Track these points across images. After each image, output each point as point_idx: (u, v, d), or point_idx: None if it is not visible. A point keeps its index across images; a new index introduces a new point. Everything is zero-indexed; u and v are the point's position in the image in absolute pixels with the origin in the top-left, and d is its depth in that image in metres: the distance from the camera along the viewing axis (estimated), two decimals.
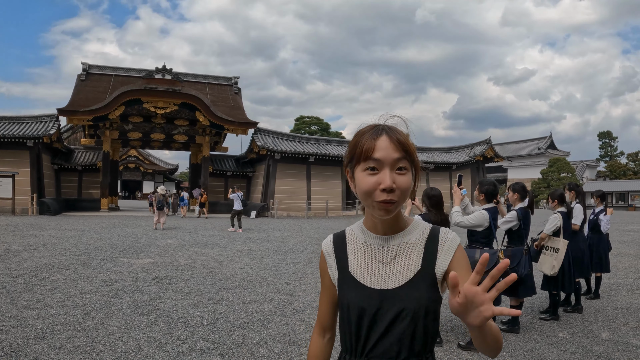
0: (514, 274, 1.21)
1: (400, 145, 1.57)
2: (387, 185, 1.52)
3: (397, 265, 1.66)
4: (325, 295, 1.86)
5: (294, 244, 17.20)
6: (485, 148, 48.22)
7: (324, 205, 38.60)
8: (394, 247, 1.69)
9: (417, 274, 1.64)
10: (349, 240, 1.79)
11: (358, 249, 1.75)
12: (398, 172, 1.56)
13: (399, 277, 1.65)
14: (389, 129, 1.62)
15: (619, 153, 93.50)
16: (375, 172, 1.55)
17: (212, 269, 11.40)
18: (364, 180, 1.57)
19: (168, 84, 34.27)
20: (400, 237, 1.70)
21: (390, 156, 1.55)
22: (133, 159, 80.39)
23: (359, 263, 1.72)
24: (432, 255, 1.66)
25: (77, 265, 11.31)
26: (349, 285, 1.71)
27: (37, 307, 7.47)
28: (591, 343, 6.18)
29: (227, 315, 7.25)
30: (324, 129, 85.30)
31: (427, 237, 1.70)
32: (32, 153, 33.28)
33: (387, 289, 1.64)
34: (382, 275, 1.67)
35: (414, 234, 1.71)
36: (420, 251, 1.68)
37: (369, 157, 1.56)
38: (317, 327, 1.91)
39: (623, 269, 12.51)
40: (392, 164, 1.55)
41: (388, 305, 1.62)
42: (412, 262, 1.66)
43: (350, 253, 1.76)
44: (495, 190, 6.25)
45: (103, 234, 19.03)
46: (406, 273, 1.65)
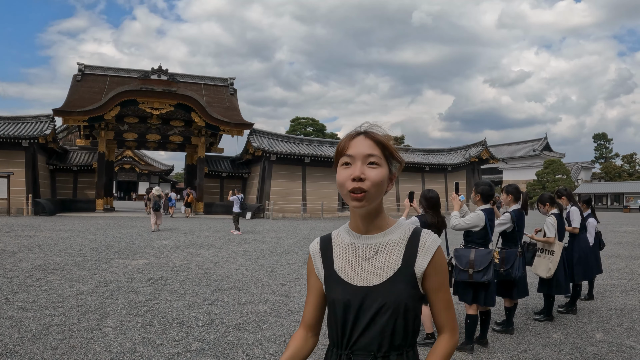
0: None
1: (375, 144, 1.72)
2: (356, 175, 1.67)
3: (378, 263, 1.77)
4: (311, 296, 1.95)
5: (290, 245, 17.21)
6: (481, 150, 48.31)
7: (319, 207, 38.61)
8: (375, 244, 1.80)
9: (398, 272, 1.75)
10: (334, 241, 1.92)
11: (343, 249, 1.86)
12: (370, 166, 1.70)
13: (380, 274, 1.76)
14: (366, 131, 1.78)
15: (614, 155, 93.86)
16: (349, 166, 1.71)
17: (207, 270, 11.40)
18: (340, 174, 1.73)
19: (164, 84, 34.23)
20: (381, 236, 1.81)
21: (361, 152, 1.70)
22: (128, 160, 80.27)
23: (343, 261, 1.83)
24: (412, 254, 1.77)
25: (73, 266, 11.31)
26: (335, 283, 1.82)
27: (32, 307, 7.47)
28: (585, 344, 6.21)
29: (222, 316, 7.26)
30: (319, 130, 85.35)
31: (409, 237, 1.80)
32: (28, 153, 33.19)
33: (369, 285, 1.75)
34: (364, 272, 1.78)
35: (396, 233, 1.82)
36: (401, 250, 1.78)
37: (344, 154, 1.73)
38: (301, 326, 1.98)
39: (617, 270, 12.55)
40: (364, 158, 1.70)
41: (370, 301, 1.73)
42: (392, 260, 1.77)
43: (335, 253, 1.88)
44: (491, 191, 6.26)
45: (98, 234, 19.00)
46: (387, 270, 1.76)
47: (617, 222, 36.29)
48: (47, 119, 34.77)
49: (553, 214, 7.54)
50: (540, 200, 7.86)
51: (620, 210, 69.04)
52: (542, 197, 7.89)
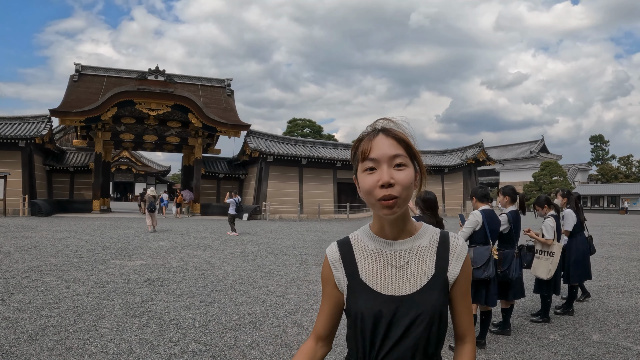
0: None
1: (397, 142, 1.59)
2: (385, 181, 1.52)
3: (410, 270, 1.67)
4: (327, 306, 1.81)
5: (286, 246, 17.20)
6: (478, 151, 48.36)
7: (316, 208, 38.60)
8: (405, 251, 1.69)
9: (432, 279, 1.66)
10: (355, 247, 1.77)
11: (367, 255, 1.72)
12: (397, 168, 1.56)
13: (413, 282, 1.65)
14: (384, 128, 1.64)
15: (610, 157, 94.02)
16: (374, 171, 1.56)
17: (204, 271, 11.39)
18: (364, 180, 1.58)
19: (161, 85, 34.22)
20: (411, 242, 1.70)
21: (386, 153, 1.56)
22: (125, 161, 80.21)
23: (370, 269, 1.70)
24: (444, 260, 1.69)
25: (69, 267, 11.29)
26: (361, 293, 1.68)
27: (28, 308, 7.45)
28: (582, 345, 6.21)
29: (219, 318, 7.25)
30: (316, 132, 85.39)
31: (439, 242, 1.72)
32: (24, 154, 33.16)
33: (402, 294, 1.64)
34: (395, 280, 1.66)
35: (425, 238, 1.72)
36: (433, 256, 1.69)
37: (366, 157, 1.58)
38: (312, 337, 1.85)
39: (614, 271, 12.57)
40: (389, 160, 1.56)
41: (404, 311, 1.62)
42: (425, 267, 1.67)
43: (359, 260, 1.73)
44: (485, 191, 6.31)
45: (95, 235, 18.97)
46: (421, 278, 1.66)
47: (613, 224, 36.35)
48: (44, 120, 34.73)
49: (551, 216, 7.56)
50: (537, 202, 7.88)
51: (617, 212, 69.14)
52: (538, 199, 7.91)
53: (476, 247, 5.96)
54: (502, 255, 6.41)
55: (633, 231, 28.57)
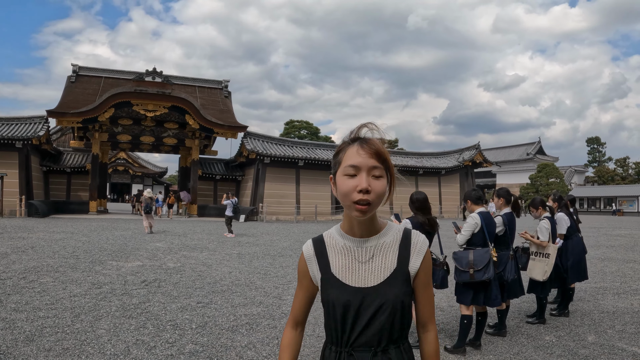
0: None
1: (377, 154, 1.77)
2: (363, 187, 1.71)
3: (374, 265, 1.87)
4: (302, 294, 2.04)
5: (283, 247, 17.21)
6: (474, 153, 48.45)
7: (313, 210, 38.62)
8: (370, 247, 1.89)
9: (394, 272, 1.86)
10: (328, 244, 1.98)
11: (338, 251, 1.93)
12: (374, 177, 1.75)
13: (377, 275, 1.86)
14: (366, 139, 1.83)
15: (607, 159, 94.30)
16: (354, 177, 1.75)
17: (201, 272, 11.40)
18: (344, 183, 1.76)
19: (158, 86, 34.20)
20: (376, 239, 1.91)
21: (367, 163, 1.75)
22: (122, 162, 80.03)
23: (340, 264, 1.91)
24: (405, 255, 1.89)
25: (66, 268, 11.29)
26: (333, 285, 1.89)
27: (25, 309, 7.46)
28: (577, 346, 6.24)
29: (215, 319, 7.26)
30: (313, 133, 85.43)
31: (401, 239, 1.93)
32: (21, 154, 33.13)
33: (367, 286, 1.85)
34: (362, 274, 1.87)
35: (388, 236, 1.92)
36: (395, 251, 1.90)
37: (349, 164, 1.77)
38: (291, 321, 2.09)
39: (610, 273, 12.61)
40: (369, 170, 1.75)
41: (369, 301, 1.83)
42: (388, 262, 1.88)
43: (330, 255, 1.94)
44: (479, 193, 6.34)
45: (92, 236, 18.96)
46: (384, 271, 1.87)
47: (610, 226, 36.43)
48: (41, 120, 34.71)
49: (546, 217, 7.59)
50: (532, 204, 7.91)
51: (614, 214, 69.29)
52: (533, 201, 7.95)
53: (476, 250, 5.98)
54: (498, 257, 6.41)
55: (629, 233, 28.64)
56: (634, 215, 66.00)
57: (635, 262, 15.04)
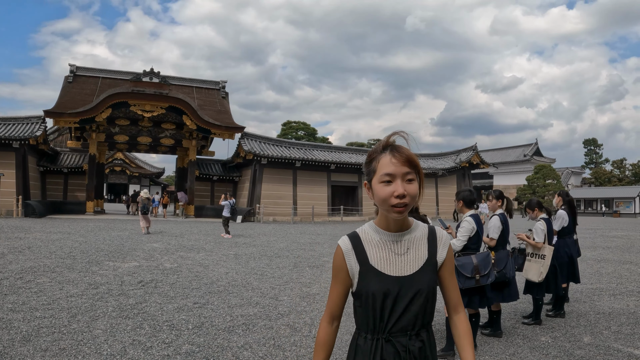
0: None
1: (409, 162, 2.00)
2: (400, 193, 1.95)
3: (410, 256, 2.11)
4: (339, 289, 2.20)
5: (280, 248, 17.21)
6: (471, 154, 48.50)
7: (309, 211, 38.62)
8: (405, 241, 2.13)
9: (426, 262, 2.11)
10: (364, 239, 2.16)
11: (375, 245, 2.13)
12: (407, 182, 1.99)
13: (412, 265, 2.09)
14: (397, 147, 2.06)
15: (604, 160, 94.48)
16: (390, 183, 1.98)
17: (197, 273, 11.40)
18: (381, 190, 2.00)
19: (155, 87, 34.19)
20: (409, 234, 2.14)
21: (400, 170, 1.98)
22: (119, 162, 79.96)
23: (378, 256, 2.11)
24: (434, 247, 2.15)
25: (63, 268, 11.28)
26: (372, 275, 2.08)
27: (22, 309, 7.46)
28: (573, 347, 6.26)
29: (212, 319, 7.27)
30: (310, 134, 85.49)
31: (428, 234, 2.17)
32: (18, 154, 33.08)
33: (404, 275, 2.07)
34: (399, 264, 2.09)
35: (418, 231, 2.17)
36: (425, 244, 2.14)
37: (384, 172, 1.99)
38: (327, 316, 2.25)
39: (606, 274, 12.64)
40: (403, 176, 1.98)
41: (407, 288, 2.05)
42: (421, 253, 2.12)
43: (367, 249, 2.13)
44: (472, 196, 6.26)
45: (88, 237, 18.95)
46: (418, 262, 2.10)
47: (606, 227, 36.49)
48: (38, 120, 34.66)
49: (542, 219, 7.61)
50: (529, 205, 7.94)
51: (610, 215, 69.42)
52: (530, 202, 7.97)
53: (477, 254, 5.95)
54: (497, 256, 6.47)
55: (626, 234, 28.70)
56: (630, 217, 66.12)
57: (632, 263, 15.07)
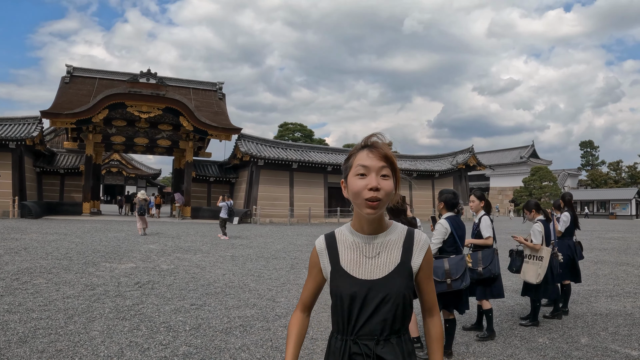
0: None
1: (385, 157, 1.97)
2: (374, 185, 1.91)
3: (380, 260, 2.05)
4: (312, 284, 2.23)
5: (277, 250, 17.21)
6: (468, 156, 48.57)
7: (306, 212, 38.60)
8: (377, 244, 2.07)
9: (397, 267, 2.04)
10: (339, 240, 2.15)
11: (347, 247, 2.11)
12: (382, 178, 1.95)
13: (382, 269, 2.03)
14: (375, 144, 2.03)
15: (600, 162, 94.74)
16: (364, 177, 1.95)
17: (194, 274, 11.39)
18: (355, 183, 1.96)
19: (152, 88, 34.15)
20: (382, 237, 2.08)
21: (376, 164, 1.95)
22: (116, 163, 79.78)
23: (348, 258, 2.08)
24: (409, 252, 2.08)
25: (59, 270, 11.25)
26: (341, 277, 2.06)
27: (18, 310, 7.43)
28: (570, 348, 6.26)
29: (209, 321, 7.26)
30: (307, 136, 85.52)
31: (405, 237, 2.11)
32: (15, 155, 33.02)
33: (373, 279, 2.02)
34: (368, 267, 2.04)
35: (394, 234, 2.10)
36: (400, 248, 2.08)
37: (359, 164, 1.97)
38: (300, 306, 2.29)
39: (603, 276, 12.66)
40: (377, 170, 1.95)
41: (374, 293, 2.00)
42: (393, 257, 2.05)
43: (340, 250, 2.11)
44: (455, 199, 6.18)
45: (85, 238, 18.91)
46: (388, 266, 2.04)
47: (603, 229, 36.56)
48: (35, 121, 34.57)
49: (539, 221, 7.62)
50: (526, 207, 7.94)
51: (607, 217, 69.60)
52: (528, 204, 7.97)
53: (450, 258, 5.88)
54: (482, 254, 6.63)
55: (622, 236, 28.75)
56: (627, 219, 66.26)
57: (628, 264, 15.10)
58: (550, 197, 62.07)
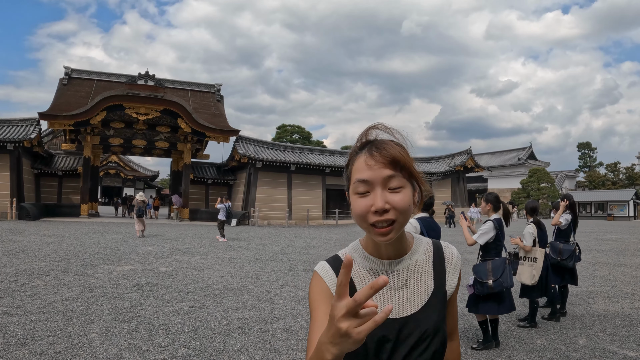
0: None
1: (391, 161, 1.42)
2: (378, 207, 1.38)
3: (410, 290, 1.54)
4: (320, 329, 1.44)
5: (275, 252, 17.21)
6: (466, 158, 48.60)
7: (304, 214, 38.58)
8: (403, 270, 1.56)
9: (432, 295, 1.55)
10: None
11: (363, 277, 1.56)
12: (391, 191, 1.41)
13: (414, 301, 1.53)
14: (377, 143, 1.47)
15: (597, 164, 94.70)
16: (367, 194, 1.42)
17: (192, 276, 11.39)
18: (356, 204, 1.43)
19: (150, 90, 34.12)
20: (407, 259, 1.57)
21: (379, 175, 1.40)
22: (114, 165, 79.68)
23: None
24: (441, 274, 1.60)
25: (57, 272, 11.25)
26: None
27: (17, 312, 7.43)
28: (568, 349, 6.28)
29: (208, 323, 7.26)
30: (305, 138, 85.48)
31: (433, 254, 1.62)
32: (12, 157, 32.96)
33: (404, 316, 1.51)
34: (395, 302, 1.53)
35: (420, 252, 1.60)
36: (430, 270, 1.59)
37: (358, 179, 1.43)
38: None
39: (601, 277, 12.68)
40: (383, 183, 1.41)
41: (407, 332, 1.49)
42: (425, 284, 1.56)
43: (355, 281, 1.55)
44: (430, 200, 6.16)
45: (83, 240, 18.90)
46: (421, 296, 1.54)
47: (600, 230, 36.57)
48: (33, 123, 34.51)
49: (532, 223, 7.69)
50: (526, 208, 8.01)
51: (604, 219, 69.66)
52: (527, 205, 8.02)
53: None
54: (492, 265, 6.26)
55: (620, 237, 28.77)
56: (624, 220, 66.33)
57: (626, 266, 15.12)
58: (548, 199, 62.21)
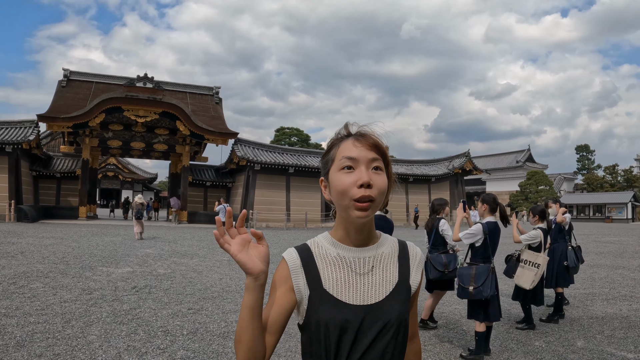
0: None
1: (376, 147, 1.55)
2: (365, 180, 1.48)
3: (375, 278, 1.60)
4: (278, 305, 1.59)
5: (273, 254, 17.18)
6: (464, 161, 48.61)
7: (303, 217, 38.60)
8: (369, 258, 1.62)
9: (396, 287, 1.62)
10: (316, 254, 1.65)
11: (329, 262, 1.62)
12: (374, 171, 1.52)
13: (379, 289, 1.59)
14: (363, 131, 1.61)
15: (596, 166, 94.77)
16: (352, 171, 1.52)
17: (191, 278, 11.39)
18: (340, 179, 1.52)
19: (149, 92, 34.12)
20: (374, 249, 1.65)
21: (366, 155, 1.52)
22: (112, 167, 79.68)
23: (333, 277, 1.59)
24: (406, 268, 1.67)
25: (56, 274, 11.25)
26: (326, 303, 1.56)
27: (16, 314, 7.43)
28: (567, 351, 6.29)
29: (206, 325, 7.27)
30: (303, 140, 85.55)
31: (399, 250, 1.70)
32: (11, 159, 32.94)
33: (368, 303, 1.56)
34: (360, 288, 1.58)
35: (386, 246, 1.68)
36: (395, 263, 1.66)
37: (345, 156, 1.53)
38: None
39: (599, 279, 12.70)
40: (368, 163, 1.52)
41: (371, 320, 1.54)
42: (390, 274, 1.63)
43: (321, 267, 1.61)
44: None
45: (81, 242, 18.89)
46: (386, 285, 1.61)
47: (599, 232, 36.62)
48: (32, 125, 34.48)
49: (540, 228, 7.62)
50: (533, 210, 7.98)
51: (603, 221, 69.72)
52: (534, 208, 7.97)
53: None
54: (475, 271, 6.00)
55: (618, 239, 28.83)
56: (622, 222, 66.41)
57: (624, 268, 15.15)
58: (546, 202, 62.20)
